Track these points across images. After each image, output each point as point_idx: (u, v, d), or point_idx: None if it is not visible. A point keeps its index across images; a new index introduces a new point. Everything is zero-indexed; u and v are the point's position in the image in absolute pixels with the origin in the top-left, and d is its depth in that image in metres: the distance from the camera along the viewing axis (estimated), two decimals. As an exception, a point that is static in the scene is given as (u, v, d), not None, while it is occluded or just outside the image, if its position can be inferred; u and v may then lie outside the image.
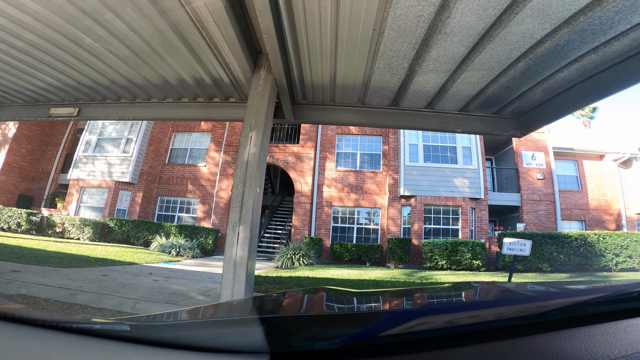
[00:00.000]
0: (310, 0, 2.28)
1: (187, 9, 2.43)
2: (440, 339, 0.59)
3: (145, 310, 3.37)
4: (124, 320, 0.61)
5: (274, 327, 0.60)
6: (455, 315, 0.51)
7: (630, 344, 0.62)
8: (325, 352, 0.53)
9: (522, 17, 2.29)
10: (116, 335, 0.56)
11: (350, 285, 6.00)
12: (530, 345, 0.61)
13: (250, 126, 2.47)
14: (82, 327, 0.57)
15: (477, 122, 3.70)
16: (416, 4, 2.26)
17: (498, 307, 0.55)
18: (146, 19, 2.59)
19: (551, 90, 3.15)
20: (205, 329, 0.60)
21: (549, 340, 0.63)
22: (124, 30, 2.74)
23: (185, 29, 2.65)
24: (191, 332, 0.56)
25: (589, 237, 9.11)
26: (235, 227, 2.30)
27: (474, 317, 0.55)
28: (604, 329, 0.70)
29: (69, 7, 2.51)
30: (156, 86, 3.73)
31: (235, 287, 2.21)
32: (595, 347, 0.59)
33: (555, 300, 0.62)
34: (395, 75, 3.08)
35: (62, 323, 0.57)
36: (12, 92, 4.25)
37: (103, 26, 2.69)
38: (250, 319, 0.68)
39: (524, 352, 0.59)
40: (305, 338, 0.57)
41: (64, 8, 2.52)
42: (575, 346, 0.60)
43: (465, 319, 0.55)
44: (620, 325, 0.73)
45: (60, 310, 3.17)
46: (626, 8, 2.12)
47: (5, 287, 3.58)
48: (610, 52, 2.55)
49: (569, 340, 0.63)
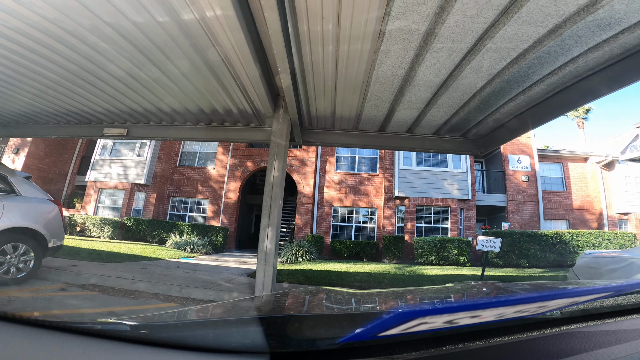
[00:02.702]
0: (317, 65, 3.24)
1: (228, 67, 3.39)
2: (440, 339, 0.59)
3: (189, 293, 4.34)
4: (124, 320, 0.62)
5: (273, 327, 0.60)
6: (455, 315, 0.49)
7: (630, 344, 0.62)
8: (325, 352, 0.54)
9: (466, 74, 3.25)
10: (117, 335, 0.56)
11: (347, 276, 6.96)
12: (530, 345, 0.61)
13: (274, 156, 3.45)
14: (82, 328, 0.57)
15: (447, 143, 4.67)
16: (392, 67, 3.23)
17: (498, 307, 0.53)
18: (197, 71, 3.53)
19: (499, 120, 4.12)
20: (205, 329, 0.61)
21: (549, 340, 0.63)
22: (174, 71, 3.61)
23: (222, 74, 3.58)
24: (191, 332, 0.57)
25: (563, 236, 10.10)
26: (265, 228, 3.28)
27: (474, 317, 0.54)
28: (604, 328, 0.70)
29: (134, 52, 3.26)
30: (193, 113, 4.69)
31: (266, 269, 3.19)
32: (595, 347, 0.60)
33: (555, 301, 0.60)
34: (380, 111, 4.05)
35: (62, 323, 0.57)
36: (70, 113, 5.19)
37: (155, 64, 3.41)
38: (250, 319, 0.67)
39: (524, 352, 0.59)
40: (305, 338, 0.58)
41: (129, 51, 3.27)
42: (575, 346, 0.60)
43: (466, 319, 0.53)
44: (620, 325, 0.73)
45: (127, 295, 4.13)
46: (535, 65, 3.05)
47: (77, 279, 4.54)
48: (533, 94, 3.51)
49: (569, 340, 0.63)
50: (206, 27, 2.78)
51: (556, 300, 0.60)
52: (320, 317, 0.75)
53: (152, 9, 2.62)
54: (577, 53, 2.78)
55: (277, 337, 0.55)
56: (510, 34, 2.62)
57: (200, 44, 3.00)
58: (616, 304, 0.83)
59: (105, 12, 2.67)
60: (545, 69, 3.07)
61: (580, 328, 0.71)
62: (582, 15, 2.36)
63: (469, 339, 0.61)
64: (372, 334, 0.48)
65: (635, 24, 2.42)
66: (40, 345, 0.53)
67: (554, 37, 2.59)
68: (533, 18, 2.45)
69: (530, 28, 2.56)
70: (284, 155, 3.51)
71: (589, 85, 3.09)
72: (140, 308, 3.66)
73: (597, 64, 2.90)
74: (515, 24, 2.51)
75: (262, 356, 0.51)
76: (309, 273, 6.99)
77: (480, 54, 2.88)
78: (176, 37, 2.94)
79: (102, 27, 2.86)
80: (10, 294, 3.55)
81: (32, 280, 4.16)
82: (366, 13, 2.49)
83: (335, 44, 2.88)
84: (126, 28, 2.87)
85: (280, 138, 3.57)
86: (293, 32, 2.71)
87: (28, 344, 0.53)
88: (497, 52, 2.87)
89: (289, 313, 0.84)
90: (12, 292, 3.65)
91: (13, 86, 4.17)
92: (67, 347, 0.53)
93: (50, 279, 4.45)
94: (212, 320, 0.75)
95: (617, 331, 0.69)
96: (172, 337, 0.56)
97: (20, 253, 3.98)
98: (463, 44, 2.80)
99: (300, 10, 2.50)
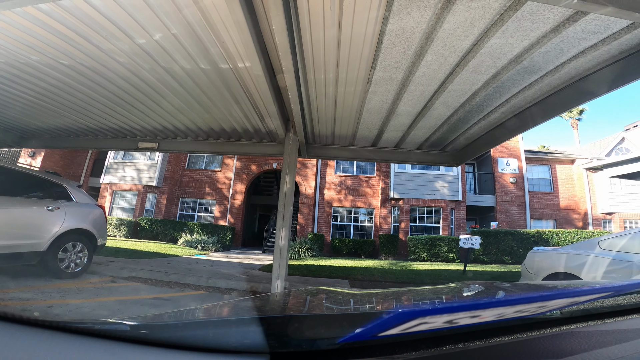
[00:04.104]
0: (320, 100, 4.12)
1: (250, 101, 4.28)
2: (440, 339, 0.60)
3: (215, 283, 5.22)
4: (124, 320, 0.61)
5: (273, 327, 0.60)
6: (455, 315, 0.49)
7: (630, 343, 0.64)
8: (325, 352, 0.54)
9: (436, 106, 4.12)
10: (117, 335, 0.57)
11: (346, 270, 7.86)
12: (530, 345, 0.63)
13: (286, 171, 4.35)
14: (82, 328, 0.57)
15: (428, 156, 5.56)
16: (379, 102, 4.11)
17: (498, 307, 0.53)
18: (226, 102, 4.41)
19: (469, 138, 5.01)
20: (205, 329, 0.62)
21: (549, 340, 0.64)
22: (207, 102, 4.45)
23: (245, 106, 4.47)
24: (191, 332, 0.57)
25: (544, 234, 11.00)
26: (280, 228, 4.18)
27: (474, 317, 0.54)
28: (604, 328, 0.72)
29: (179, 88, 4.14)
30: (216, 131, 5.58)
31: (281, 261, 4.08)
32: (595, 347, 0.61)
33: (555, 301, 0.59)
34: (371, 132, 4.94)
35: (62, 323, 0.58)
36: (109, 129, 6.06)
37: (192, 96, 4.30)
38: (250, 319, 0.67)
39: (524, 352, 0.61)
40: (305, 338, 0.58)
41: (175, 87, 4.17)
42: (575, 346, 0.62)
43: (466, 318, 0.53)
44: (620, 325, 0.75)
45: (164, 285, 5.01)
46: (487, 100, 3.91)
47: (119, 272, 5.41)
48: (490, 119, 4.36)
49: (569, 340, 0.64)
50: (237, 74, 3.67)
51: (556, 300, 0.60)
52: (320, 317, 0.76)
53: (198, 59, 3.49)
54: (515, 91, 3.65)
55: (277, 337, 0.55)
56: (464, 80, 3.50)
57: (231, 84, 3.89)
58: (616, 304, 0.84)
59: (163, 59, 3.53)
60: (495, 102, 3.95)
61: (580, 328, 0.71)
62: (512, 65, 3.21)
63: (469, 339, 0.61)
64: (372, 334, 0.48)
65: (551, 70, 3.27)
66: (40, 345, 0.53)
67: (495, 81, 3.46)
68: (478, 69, 3.33)
69: (477, 75, 3.43)
70: (294, 170, 4.40)
71: (531, 113, 3.97)
72: (180, 295, 4.54)
73: (532, 98, 3.78)
74: (466, 73, 3.38)
75: (262, 356, 0.52)
76: (312, 267, 7.89)
77: (444, 93, 3.76)
78: (213, 79, 3.82)
79: (158, 69, 3.72)
80: (77, 285, 4.44)
81: (84, 274, 5.03)
82: (357, 69, 3.38)
83: (334, 86, 3.76)
84: (176, 71, 3.74)
85: (291, 156, 4.47)
86: (303, 79, 3.59)
87: (28, 344, 0.53)
88: (456, 92, 3.75)
89: (289, 313, 0.85)
90: (76, 284, 4.53)
91: (69, 108, 5.03)
92: (67, 347, 0.53)
93: (98, 272, 5.34)
94: (212, 320, 0.76)
95: (617, 331, 0.69)
96: (172, 337, 0.56)
97: (77, 250, 4.86)
98: (430, 86, 3.68)
99: (309, 64, 3.37)
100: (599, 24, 2.48)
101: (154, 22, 2.81)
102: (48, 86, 4.20)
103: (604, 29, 2.52)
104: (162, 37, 3.07)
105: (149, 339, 0.55)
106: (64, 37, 3.08)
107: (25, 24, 2.92)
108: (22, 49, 3.33)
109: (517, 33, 2.68)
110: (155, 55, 3.42)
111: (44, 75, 3.90)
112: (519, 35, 2.70)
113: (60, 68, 3.72)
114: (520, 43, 2.81)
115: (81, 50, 3.32)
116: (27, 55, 3.48)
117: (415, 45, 2.96)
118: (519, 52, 2.95)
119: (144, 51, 3.34)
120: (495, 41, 2.81)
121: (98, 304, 3.59)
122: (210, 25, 2.82)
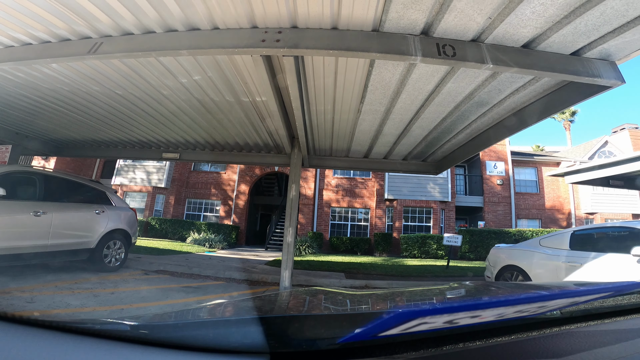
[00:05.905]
0: (320, 125, 5.05)
1: (264, 124, 5.21)
2: (440, 339, 0.60)
3: (231, 275, 6.15)
4: (124, 320, 0.62)
5: (273, 327, 0.61)
6: (455, 315, 0.49)
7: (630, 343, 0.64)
8: (325, 352, 0.54)
9: (414, 129, 5.05)
10: (116, 335, 0.57)
11: (343, 265, 8.80)
12: (530, 345, 0.63)
13: (292, 181, 5.29)
14: (82, 328, 0.58)
15: (413, 166, 6.52)
16: (368, 126, 5.05)
17: (498, 307, 0.53)
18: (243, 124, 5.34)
19: (444, 152, 5.96)
20: (205, 329, 0.62)
21: (549, 340, 0.64)
22: (227, 123, 5.41)
23: (259, 127, 5.41)
24: (191, 332, 0.57)
25: (525, 233, 11.98)
26: (288, 227, 5.12)
27: (474, 317, 0.54)
28: (604, 328, 0.72)
29: (208, 115, 5.14)
30: (230, 144, 6.51)
31: (288, 256, 5.03)
32: (595, 347, 0.61)
33: (555, 301, 0.60)
34: (363, 147, 5.89)
35: (62, 323, 0.58)
36: (137, 141, 6.97)
37: (217, 119, 5.30)
38: (250, 319, 0.67)
39: (524, 352, 0.61)
40: (305, 338, 0.59)
41: (204, 114, 5.19)
42: (575, 346, 0.62)
43: (466, 318, 0.53)
44: (620, 325, 0.76)
45: (189, 277, 5.90)
46: (453, 124, 4.85)
47: (149, 266, 6.33)
48: (460, 138, 5.30)
49: (569, 340, 0.65)
50: (254, 105, 4.60)
51: (556, 300, 0.61)
52: (320, 317, 0.77)
53: (225, 94, 4.40)
54: (473, 118, 4.59)
55: (277, 337, 0.55)
56: (433, 110, 4.43)
57: (249, 111, 4.82)
58: (616, 304, 0.85)
59: (197, 93, 4.44)
60: (460, 126, 4.89)
61: (580, 328, 0.71)
62: (467, 100, 4.12)
63: (469, 339, 0.62)
64: (372, 334, 0.48)
65: (496, 103, 4.16)
66: (40, 345, 0.53)
67: (456, 111, 4.39)
68: (442, 103, 4.24)
69: (442, 107, 4.36)
70: (299, 180, 5.35)
71: (488, 135, 4.91)
72: (204, 284, 5.45)
73: (488, 123, 4.71)
74: (434, 106, 4.30)
75: (262, 356, 0.52)
76: (312, 262, 8.84)
77: (419, 119, 4.69)
78: (235, 107, 4.74)
79: (192, 100, 4.64)
80: (120, 277, 5.34)
81: (122, 268, 5.95)
82: (349, 104, 4.32)
83: (331, 114, 4.70)
84: (206, 101, 4.65)
85: (296, 169, 5.42)
86: (306, 109, 4.53)
87: (28, 344, 0.53)
88: (428, 119, 4.69)
89: (289, 313, 0.85)
90: (120, 276, 5.44)
91: (108, 125, 5.95)
92: (67, 347, 0.53)
93: (131, 267, 6.26)
94: (212, 320, 0.76)
95: (617, 331, 0.70)
96: (172, 337, 0.57)
97: (117, 247, 5.78)
98: (407, 115, 4.62)
99: (312, 98, 4.30)
100: (515, 75, 3.40)
101: (196, 68, 3.74)
102: (99, 109, 5.12)
103: (519, 78, 3.46)
104: (200, 78, 4.01)
105: (149, 339, 0.56)
106: (124, 73, 3.96)
107: (94, 62, 3.77)
108: (87, 81, 4.21)
109: (466, 79, 3.60)
110: (192, 90, 4.34)
111: (98, 101, 4.81)
112: (467, 80, 3.63)
113: (114, 96, 4.62)
114: (470, 86, 3.73)
115: (134, 83, 4.22)
116: (90, 86, 4.37)
117: (392, 88, 3.89)
118: (470, 91, 3.87)
119: (184, 87, 4.26)
120: (452, 84, 3.73)
121: (146, 291, 4.51)
122: (239, 73, 3.76)
